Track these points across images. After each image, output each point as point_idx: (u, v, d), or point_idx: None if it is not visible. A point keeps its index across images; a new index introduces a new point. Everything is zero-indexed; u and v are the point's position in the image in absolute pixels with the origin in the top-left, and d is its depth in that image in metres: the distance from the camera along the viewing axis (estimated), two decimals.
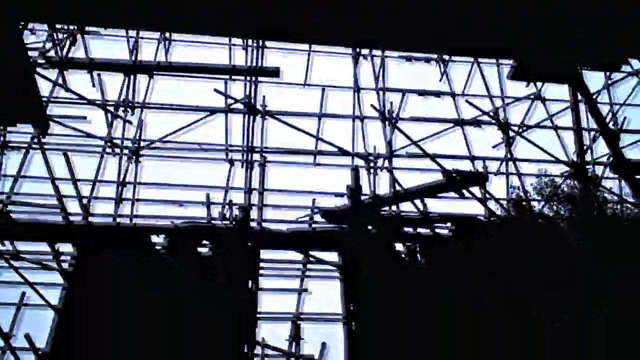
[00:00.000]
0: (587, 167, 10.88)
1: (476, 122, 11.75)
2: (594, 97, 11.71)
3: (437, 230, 9.75)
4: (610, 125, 11.38)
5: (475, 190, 10.61)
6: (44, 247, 9.38)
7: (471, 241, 9.42)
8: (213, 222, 10.00)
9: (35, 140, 10.15)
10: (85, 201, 10.02)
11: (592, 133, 11.40)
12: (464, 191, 9.96)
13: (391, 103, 11.69)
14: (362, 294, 9.01)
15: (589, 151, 11.25)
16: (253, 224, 9.93)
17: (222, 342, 8.72)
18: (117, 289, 9.12)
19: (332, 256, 9.47)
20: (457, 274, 8.94)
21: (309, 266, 9.37)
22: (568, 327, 8.55)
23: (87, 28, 11.88)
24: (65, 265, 9.30)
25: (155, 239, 9.57)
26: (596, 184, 10.95)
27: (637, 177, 10.52)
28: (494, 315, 8.72)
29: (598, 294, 8.52)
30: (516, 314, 8.72)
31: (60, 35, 11.59)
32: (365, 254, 8.90)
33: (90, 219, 9.97)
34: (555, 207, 10.98)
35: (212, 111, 11.48)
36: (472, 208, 11.04)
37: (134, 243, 9.61)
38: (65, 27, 11.69)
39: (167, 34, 12.59)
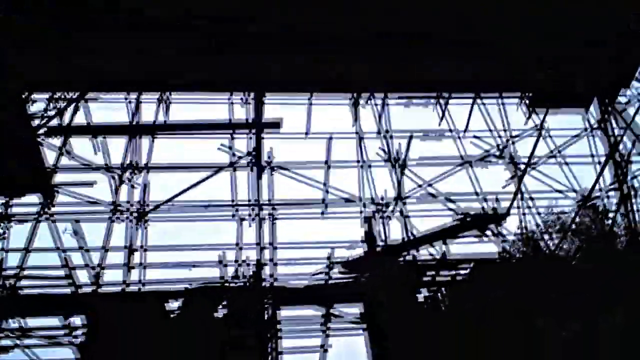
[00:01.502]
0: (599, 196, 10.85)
1: (483, 160, 11.74)
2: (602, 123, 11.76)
3: (455, 273, 9.61)
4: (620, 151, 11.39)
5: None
6: (55, 321, 9.16)
7: (489, 282, 9.26)
8: (227, 282, 9.82)
9: (43, 209, 10.05)
10: (94, 270, 9.86)
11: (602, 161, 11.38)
12: (483, 231, 9.85)
13: (399, 144, 11.65)
14: (387, 343, 8.79)
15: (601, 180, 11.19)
16: (267, 281, 9.78)
17: None
18: (131, 358, 8.90)
19: (352, 309, 9.27)
20: (478, 314, 8.76)
21: (330, 322, 9.14)
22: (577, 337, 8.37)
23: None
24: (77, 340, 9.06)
25: (169, 303, 9.36)
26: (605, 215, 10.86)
27: None
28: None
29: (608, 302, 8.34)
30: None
31: (61, 104, 11.65)
32: (388, 302, 8.72)
33: (101, 288, 9.80)
34: (567, 242, 10.81)
35: (218, 168, 11.43)
36: (485, 248, 10.93)
37: (146, 309, 9.40)
38: (66, 94, 11.77)
39: (167, 94, 12.72)
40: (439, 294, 9.12)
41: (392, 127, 12.14)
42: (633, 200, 10.64)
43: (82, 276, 9.84)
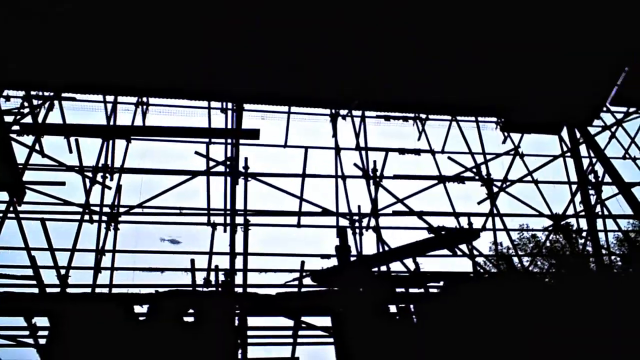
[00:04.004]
0: (571, 219, 11.16)
1: (459, 178, 11.98)
2: (576, 149, 12.13)
3: (427, 288, 9.71)
4: (591, 177, 11.75)
5: (462, 246, 10.73)
6: (20, 321, 8.98)
7: (461, 297, 9.38)
8: (197, 288, 9.75)
9: (9, 208, 9.90)
10: (62, 271, 9.73)
11: (574, 186, 11.73)
12: (455, 248, 9.99)
13: (374, 162, 11.84)
14: (356, 356, 8.80)
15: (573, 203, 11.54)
16: (238, 288, 9.76)
17: None
18: None
19: (323, 320, 9.28)
20: (449, 330, 8.85)
21: (299, 332, 9.14)
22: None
23: (63, 94, 11.95)
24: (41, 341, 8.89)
25: (137, 307, 9.24)
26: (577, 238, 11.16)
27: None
28: None
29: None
30: None
31: (36, 102, 11.57)
32: (358, 315, 8.75)
33: (68, 289, 9.66)
34: (539, 263, 11.09)
35: (194, 174, 11.43)
36: (458, 265, 11.13)
37: (113, 312, 9.26)
38: (41, 93, 11.70)
39: (144, 99, 12.75)
40: (410, 308, 9.16)
41: (370, 142, 12.38)
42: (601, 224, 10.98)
43: (50, 277, 9.72)
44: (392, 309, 9.31)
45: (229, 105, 12.65)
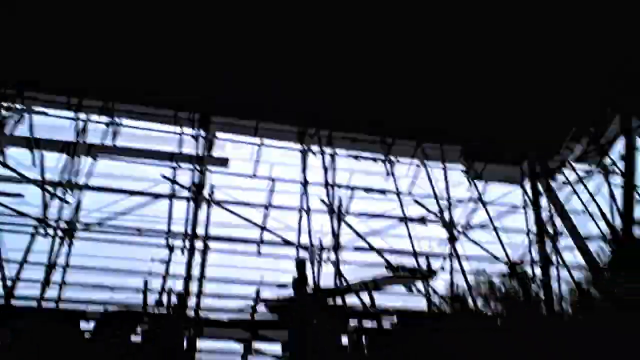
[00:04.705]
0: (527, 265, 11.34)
1: (422, 220, 12.13)
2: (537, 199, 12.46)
3: (381, 323, 9.68)
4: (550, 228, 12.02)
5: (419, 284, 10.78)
6: None
7: (414, 334, 9.38)
8: (147, 308, 9.58)
9: None
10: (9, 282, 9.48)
11: (531, 236, 11.98)
12: (411, 286, 10.05)
13: (339, 198, 11.93)
14: None
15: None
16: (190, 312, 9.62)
17: None
18: None
19: (275, 346, 9.16)
20: None
21: (249, 357, 8.99)
22: None
23: (34, 107, 11.91)
24: None
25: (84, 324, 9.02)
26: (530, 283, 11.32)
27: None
28: None
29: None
30: None
31: (5, 113, 11.52)
32: (310, 346, 8.66)
33: (13, 301, 9.39)
34: (492, 305, 11.19)
35: (156, 196, 11.38)
36: (414, 302, 11.09)
37: (59, 329, 9.02)
38: (6, 104, 11.64)
39: (116, 119, 12.73)
40: (363, 341, 9.12)
41: (338, 177, 12.53)
42: (554, 273, 11.19)
43: None
44: (344, 341, 9.26)
45: (202, 133, 12.69)
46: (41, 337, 8.69)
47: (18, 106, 11.82)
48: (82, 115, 12.25)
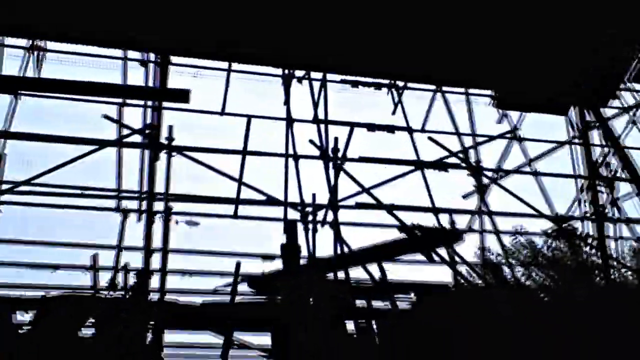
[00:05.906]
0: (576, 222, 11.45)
1: (441, 165, 12.09)
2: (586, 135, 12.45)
3: (395, 301, 9.87)
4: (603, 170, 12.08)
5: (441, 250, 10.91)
6: None
7: (435, 315, 9.56)
8: (99, 291, 9.66)
9: None
10: None
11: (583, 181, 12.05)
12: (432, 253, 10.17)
13: (336, 139, 11.81)
14: None
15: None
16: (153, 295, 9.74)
17: None
18: None
19: (262, 338, 9.34)
20: (418, 354, 9.01)
21: (230, 352, 9.19)
22: None
23: None
24: None
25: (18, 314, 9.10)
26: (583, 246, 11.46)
27: None
28: None
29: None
30: None
31: None
32: (307, 332, 8.82)
33: None
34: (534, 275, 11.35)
35: (101, 144, 11.21)
36: (435, 273, 11.30)
37: None
38: None
39: (40, 42, 12.38)
40: (372, 325, 9.28)
41: (332, 114, 12.39)
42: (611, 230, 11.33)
43: None
44: (350, 325, 9.41)
45: (152, 57, 12.42)
46: None
47: None
48: None
